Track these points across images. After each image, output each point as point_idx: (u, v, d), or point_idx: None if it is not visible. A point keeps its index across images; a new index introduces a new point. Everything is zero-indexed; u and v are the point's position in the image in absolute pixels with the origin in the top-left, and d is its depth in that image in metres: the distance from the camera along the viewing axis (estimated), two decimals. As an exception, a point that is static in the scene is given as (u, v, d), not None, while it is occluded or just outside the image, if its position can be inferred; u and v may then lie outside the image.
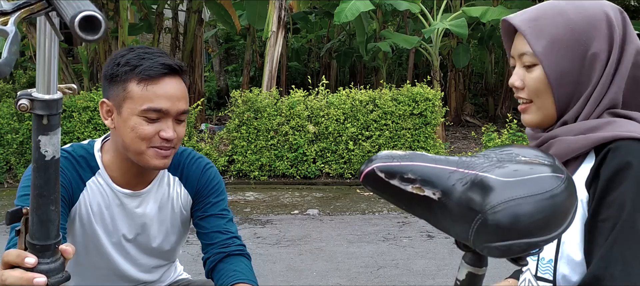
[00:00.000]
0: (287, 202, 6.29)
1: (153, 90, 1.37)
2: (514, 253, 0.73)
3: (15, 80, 11.26)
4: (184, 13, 10.65)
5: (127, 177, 1.49)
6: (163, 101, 1.37)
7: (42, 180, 0.79)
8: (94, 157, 1.49)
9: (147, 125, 1.37)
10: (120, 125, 1.40)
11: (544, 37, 1.08)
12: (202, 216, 1.58)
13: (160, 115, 1.38)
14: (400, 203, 0.79)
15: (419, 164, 0.77)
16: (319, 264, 4.28)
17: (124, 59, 1.39)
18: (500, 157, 0.78)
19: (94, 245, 1.52)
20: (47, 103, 0.75)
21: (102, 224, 1.50)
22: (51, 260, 0.83)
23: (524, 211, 0.71)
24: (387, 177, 0.77)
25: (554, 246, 1.09)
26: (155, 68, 1.37)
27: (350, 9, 7.92)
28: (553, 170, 0.75)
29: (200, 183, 1.58)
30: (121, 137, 1.41)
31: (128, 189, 1.50)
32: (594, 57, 1.08)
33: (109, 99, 1.42)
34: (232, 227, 1.60)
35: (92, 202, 1.48)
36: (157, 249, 1.59)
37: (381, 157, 0.78)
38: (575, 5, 1.10)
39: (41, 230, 0.82)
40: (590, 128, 1.09)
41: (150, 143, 1.39)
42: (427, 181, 0.76)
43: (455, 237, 0.79)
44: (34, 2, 0.66)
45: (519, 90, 1.16)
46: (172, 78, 1.40)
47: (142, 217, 1.54)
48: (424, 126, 7.16)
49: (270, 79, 8.06)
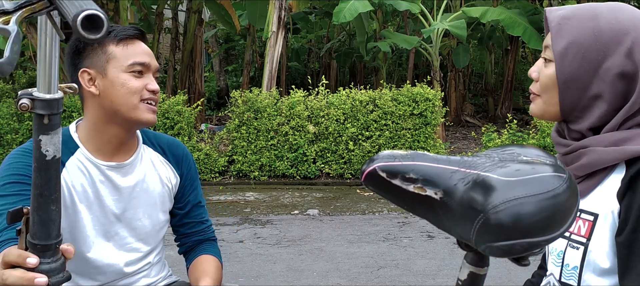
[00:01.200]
0: (287, 202, 6.29)
1: (133, 49, 1.49)
2: (516, 253, 0.73)
3: (15, 80, 11.26)
4: (183, 13, 10.66)
5: (108, 149, 1.52)
6: (144, 56, 1.49)
7: (43, 180, 0.79)
8: (71, 137, 1.51)
9: (135, 80, 1.47)
10: (108, 86, 1.46)
11: (566, 37, 1.08)
12: (184, 206, 1.68)
13: (143, 69, 1.49)
14: (401, 203, 0.79)
15: (420, 164, 0.77)
16: (319, 264, 4.28)
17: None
18: (502, 156, 0.78)
19: (78, 230, 1.50)
20: (48, 102, 0.75)
21: (87, 203, 1.49)
22: (52, 259, 0.83)
23: (526, 210, 0.71)
24: (388, 176, 0.77)
25: (580, 254, 1.09)
26: (129, 30, 1.50)
27: (349, 9, 7.93)
28: (555, 169, 0.75)
29: (185, 166, 1.68)
30: (110, 98, 1.46)
31: (111, 161, 1.52)
32: (608, 70, 1.06)
33: (89, 68, 1.48)
34: (206, 214, 1.73)
35: (75, 182, 1.48)
36: (141, 228, 1.58)
37: (383, 157, 0.78)
38: (612, 14, 1.08)
39: (42, 229, 0.81)
40: (621, 140, 1.07)
41: (140, 95, 1.47)
42: (428, 181, 0.76)
43: (457, 237, 0.79)
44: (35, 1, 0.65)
45: (534, 83, 1.17)
46: (142, 41, 1.53)
47: (128, 190, 1.55)
48: (424, 126, 7.16)
49: (270, 79, 8.06)
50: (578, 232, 1.10)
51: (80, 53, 1.49)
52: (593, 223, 1.08)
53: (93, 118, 1.50)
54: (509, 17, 8.41)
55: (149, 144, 1.63)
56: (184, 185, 1.66)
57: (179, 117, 7.15)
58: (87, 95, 1.49)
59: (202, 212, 1.71)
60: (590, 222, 1.08)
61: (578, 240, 1.09)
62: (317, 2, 12.02)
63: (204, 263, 1.64)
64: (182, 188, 1.67)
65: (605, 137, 1.09)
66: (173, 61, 10.74)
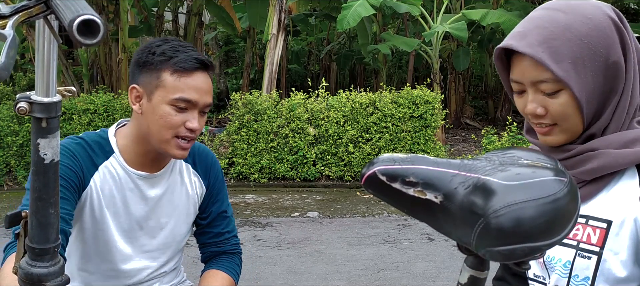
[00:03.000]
0: (287, 205, 6.28)
1: (185, 82, 1.44)
2: (517, 258, 0.73)
3: (15, 83, 11.27)
4: (184, 15, 10.66)
5: (142, 160, 1.53)
6: (193, 92, 1.45)
7: (41, 183, 0.78)
8: (108, 142, 1.53)
9: (175, 114, 1.44)
10: (149, 111, 1.46)
11: (563, 59, 1.02)
12: (208, 216, 1.66)
13: (188, 106, 1.45)
14: (402, 206, 0.79)
15: (420, 167, 0.76)
16: (319, 267, 4.27)
17: (159, 49, 1.46)
18: (502, 160, 0.77)
19: (102, 233, 1.53)
20: (46, 106, 0.75)
21: (113, 208, 1.52)
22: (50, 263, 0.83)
23: (526, 215, 0.70)
24: (388, 180, 0.76)
25: (592, 263, 1.05)
26: (189, 61, 1.44)
27: (352, 15, 7.94)
28: (555, 173, 0.75)
29: (212, 175, 1.66)
30: (147, 122, 1.46)
31: (142, 171, 1.54)
32: (614, 65, 1.04)
33: (139, 85, 1.48)
34: (231, 225, 1.69)
35: (104, 186, 1.51)
36: (162, 237, 1.60)
37: (383, 160, 0.77)
38: (580, 16, 1.04)
39: (40, 233, 0.81)
40: (632, 140, 1.05)
41: (175, 132, 1.45)
42: (429, 184, 0.75)
43: (457, 241, 0.78)
44: (32, 5, 0.65)
45: (539, 117, 1.09)
46: (203, 73, 1.47)
47: (155, 200, 1.57)
48: (424, 129, 7.16)
49: (270, 82, 8.06)
50: (588, 241, 1.06)
51: (140, 67, 1.48)
52: (606, 231, 1.04)
53: (133, 130, 1.53)
54: (509, 20, 8.41)
55: None
56: (209, 195, 1.66)
57: (179, 120, 7.14)
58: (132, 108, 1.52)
59: (225, 222, 1.68)
60: (603, 230, 1.04)
61: (589, 249, 1.05)
62: (317, 4, 12.03)
63: (210, 280, 1.62)
64: (208, 198, 1.66)
65: (614, 138, 1.06)
66: (173, 63, 10.72)
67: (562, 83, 1.03)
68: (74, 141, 1.50)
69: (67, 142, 1.49)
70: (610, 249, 1.03)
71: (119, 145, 1.53)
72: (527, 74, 1.06)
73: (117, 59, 9.18)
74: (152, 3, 10.31)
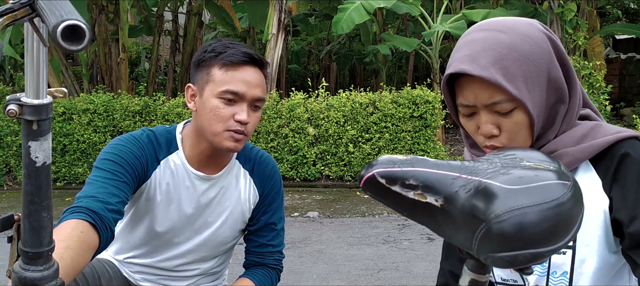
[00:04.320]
0: (287, 205, 6.28)
1: (232, 75, 1.48)
2: (520, 264, 0.71)
3: (15, 83, 11.26)
4: (184, 15, 10.65)
5: (201, 158, 1.57)
6: (240, 85, 1.48)
7: (33, 187, 0.77)
8: (175, 138, 1.59)
9: (224, 107, 1.47)
10: (201, 107, 1.50)
11: (516, 79, 1.04)
12: (256, 224, 1.67)
13: (236, 98, 1.48)
14: (401, 209, 0.77)
15: (420, 170, 0.74)
16: (319, 267, 4.27)
17: (211, 47, 1.53)
18: (504, 162, 0.76)
19: (152, 224, 1.59)
20: (37, 108, 0.73)
21: (166, 202, 1.57)
22: (44, 267, 0.81)
23: (529, 220, 0.69)
24: (388, 183, 0.74)
25: (568, 258, 1.09)
26: (237, 55, 1.49)
27: (346, 20, 7.95)
28: (559, 176, 0.73)
29: (269, 184, 1.67)
30: (201, 118, 1.51)
31: (201, 172, 1.58)
32: (555, 78, 1.07)
33: (194, 84, 1.54)
34: (278, 239, 1.69)
35: (162, 181, 1.56)
36: (207, 235, 1.63)
37: (382, 162, 0.76)
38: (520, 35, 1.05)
39: (33, 237, 0.80)
40: (582, 136, 1.10)
41: (226, 125, 1.48)
42: (429, 187, 0.74)
43: (458, 245, 0.76)
44: (17, 8, 0.64)
45: (493, 138, 1.09)
46: (252, 67, 1.51)
47: (206, 201, 1.60)
48: (424, 129, 7.16)
49: (270, 81, 8.06)
50: None
51: (196, 67, 1.53)
52: None
53: (193, 128, 1.57)
54: (509, 20, 8.41)
55: (241, 159, 1.66)
56: (262, 203, 1.67)
57: (179, 120, 7.14)
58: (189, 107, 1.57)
59: (272, 234, 1.67)
60: None
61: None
62: (317, 4, 12.03)
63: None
64: (260, 206, 1.67)
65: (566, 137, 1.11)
66: (173, 63, 10.74)
67: (517, 102, 1.04)
68: (145, 133, 1.57)
69: (139, 134, 1.56)
70: (582, 241, 1.08)
71: (184, 142, 1.58)
72: (480, 96, 1.06)
73: (117, 58, 9.18)
74: (152, 3, 10.32)
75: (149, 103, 7.25)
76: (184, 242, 1.62)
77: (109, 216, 1.34)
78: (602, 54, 10.67)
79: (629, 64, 12.77)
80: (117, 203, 1.39)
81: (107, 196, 1.38)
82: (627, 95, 12.53)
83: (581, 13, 9.12)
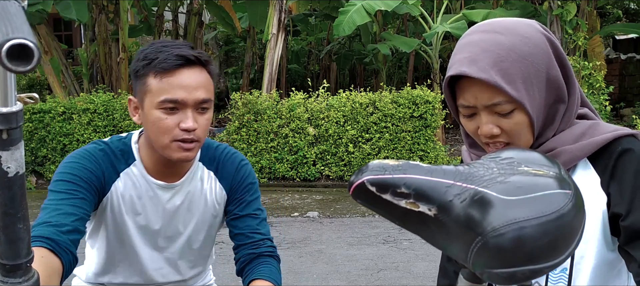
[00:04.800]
0: (287, 204, 6.28)
1: (168, 82, 1.37)
2: (518, 281, 0.67)
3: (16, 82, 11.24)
4: (184, 15, 10.66)
5: (160, 168, 1.50)
6: (178, 91, 1.37)
7: (7, 198, 0.73)
8: (131, 149, 1.51)
9: (166, 118, 1.38)
10: (145, 120, 1.42)
11: (515, 80, 1.04)
12: (236, 216, 1.58)
13: (178, 106, 1.38)
14: (393, 218, 0.73)
15: (413, 176, 0.69)
16: (319, 266, 4.27)
17: (143, 54, 1.41)
18: (501, 167, 0.71)
19: (126, 238, 1.54)
20: (6, 116, 0.67)
21: (133, 214, 1.52)
22: (23, 279, 0.79)
23: (528, 235, 0.64)
24: (378, 190, 0.70)
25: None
26: (169, 60, 1.37)
27: (347, 22, 7.95)
28: (559, 183, 0.69)
29: (236, 180, 1.59)
30: (147, 131, 1.43)
31: (161, 181, 1.51)
32: (554, 78, 1.08)
33: (135, 96, 1.45)
34: (264, 228, 1.60)
35: (125, 192, 1.50)
36: (182, 243, 1.59)
37: (372, 169, 0.71)
38: (519, 37, 1.07)
39: (10, 249, 0.77)
40: (581, 134, 1.11)
41: (172, 135, 1.39)
42: (422, 195, 0.69)
43: (453, 257, 0.73)
44: None
45: (494, 137, 1.11)
46: (189, 69, 1.39)
47: (173, 209, 1.54)
48: (424, 129, 7.16)
49: (270, 81, 8.06)
50: None
51: (134, 78, 1.43)
52: None
53: (146, 139, 1.49)
54: (509, 20, 8.41)
55: (205, 161, 1.58)
56: (232, 199, 1.59)
57: (178, 119, 7.16)
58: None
59: (256, 223, 1.58)
60: None
61: None
62: (317, 4, 12.03)
63: None
64: (231, 202, 1.60)
65: (565, 135, 1.11)
66: (173, 63, 10.73)
67: (516, 103, 1.05)
68: (98, 147, 1.49)
69: (90, 147, 1.48)
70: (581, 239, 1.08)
71: (141, 152, 1.51)
72: (480, 98, 1.07)
73: (117, 58, 9.18)
74: (152, 3, 10.31)
75: (149, 103, 7.25)
76: (159, 252, 1.58)
77: (64, 239, 1.29)
78: (602, 54, 10.66)
79: (629, 64, 12.78)
80: (73, 222, 1.33)
81: (61, 218, 1.32)
82: (627, 96, 12.53)
83: (581, 13, 9.12)
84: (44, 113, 7.31)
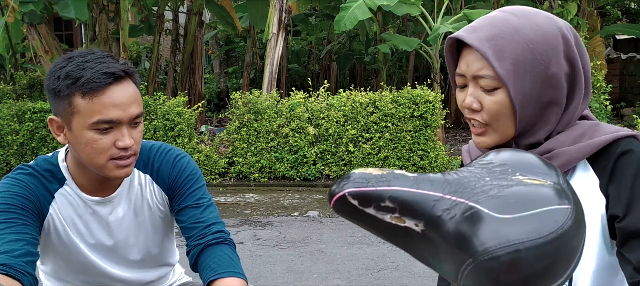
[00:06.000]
0: (288, 204, 6.29)
1: (99, 101, 1.29)
2: None
3: (16, 82, 11.26)
4: (184, 15, 10.66)
5: (93, 184, 1.45)
6: (112, 111, 1.30)
7: None
8: (59, 169, 1.44)
9: (101, 138, 1.31)
10: (74, 141, 1.34)
11: (506, 58, 1.03)
12: (178, 209, 1.51)
13: (112, 125, 1.32)
14: (377, 233, 0.67)
15: (397, 189, 0.64)
16: (319, 266, 4.27)
17: (63, 72, 1.31)
18: (493, 175, 0.66)
19: (76, 255, 1.49)
20: None
21: (78, 233, 1.47)
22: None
23: (524, 258, 0.59)
24: (361, 204, 0.64)
25: None
26: (98, 79, 1.28)
27: (349, 17, 7.94)
28: (558, 196, 0.63)
29: (172, 177, 1.52)
30: (77, 152, 1.36)
31: (97, 196, 1.46)
32: (552, 76, 1.06)
33: (56, 115, 1.36)
34: (208, 214, 1.50)
35: (64, 213, 1.45)
36: (138, 253, 1.55)
37: (354, 180, 0.65)
38: (530, 22, 1.06)
39: None
40: (580, 135, 1.10)
41: (108, 154, 1.33)
42: (407, 209, 0.63)
43: (443, 276, 0.66)
44: None
45: (474, 112, 1.09)
46: (118, 85, 1.32)
47: (117, 223, 1.49)
48: (424, 128, 7.16)
49: (271, 81, 8.06)
50: None
51: (52, 95, 1.34)
52: None
53: (74, 159, 1.42)
54: (509, 19, 8.41)
55: (140, 166, 1.52)
56: (172, 196, 1.53)
57: (179, 119, 7.16)
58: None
59: (199, 212, 1.49)
60: None
61: None
62: (317, 4, 12.03)
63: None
64: (172, 199, 1.53)
65: (564, 136, 1.10)
66: (173, 63, 10.74)
67: (501, 82, 1.04)
68: (25, 172, 1.42)
69: (16, 174, 1.41)
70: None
71: (70, 171, 1.44)
72: (471, 67, 1.08)
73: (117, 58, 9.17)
74: (153, 2, 10.32)
75: (149, 103, 7.26)
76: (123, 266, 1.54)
77: (18, 262, 1.24)
78: (603, 54, 10.67)
79: (629, 64, 12.77)
80: (23, 247, 1.28)
81: (8, 245, 1.26)
82: (628, 95, 12.53)
83: (582, 13, 9.12)
84: (44, 113, 7.32)
